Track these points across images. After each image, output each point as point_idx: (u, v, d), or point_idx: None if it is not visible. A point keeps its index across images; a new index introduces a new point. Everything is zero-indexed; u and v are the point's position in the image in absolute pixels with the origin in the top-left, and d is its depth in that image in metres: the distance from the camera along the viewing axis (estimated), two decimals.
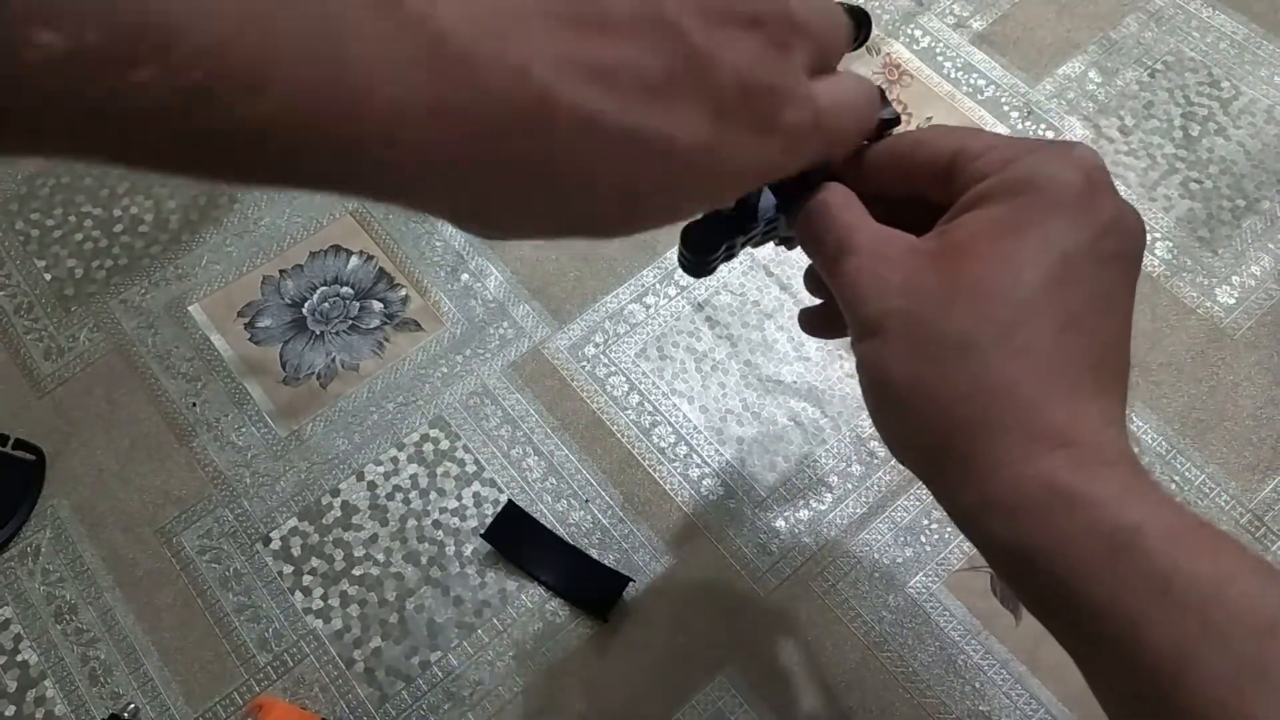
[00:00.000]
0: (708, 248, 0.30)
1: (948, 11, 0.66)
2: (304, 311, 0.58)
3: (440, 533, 0.51)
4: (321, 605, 0.50)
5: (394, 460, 0.53)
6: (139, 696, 0.48)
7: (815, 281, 0.34)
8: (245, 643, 0.49)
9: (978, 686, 0.46)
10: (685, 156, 0.20)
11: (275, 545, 0.51)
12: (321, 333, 0.57)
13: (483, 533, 0.50)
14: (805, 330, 0.36)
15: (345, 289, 0.59)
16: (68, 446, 0.55)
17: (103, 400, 0.56)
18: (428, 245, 0.60)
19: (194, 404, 0.55)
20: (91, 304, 0.59)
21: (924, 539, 0.50)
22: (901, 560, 0.49)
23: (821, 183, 0.28)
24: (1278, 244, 0.57)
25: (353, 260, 0.60)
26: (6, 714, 0.48)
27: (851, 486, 0.51)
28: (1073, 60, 0.64)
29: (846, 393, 0.54)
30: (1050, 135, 0.61)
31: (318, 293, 0.59)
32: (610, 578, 0.49)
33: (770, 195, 0.29)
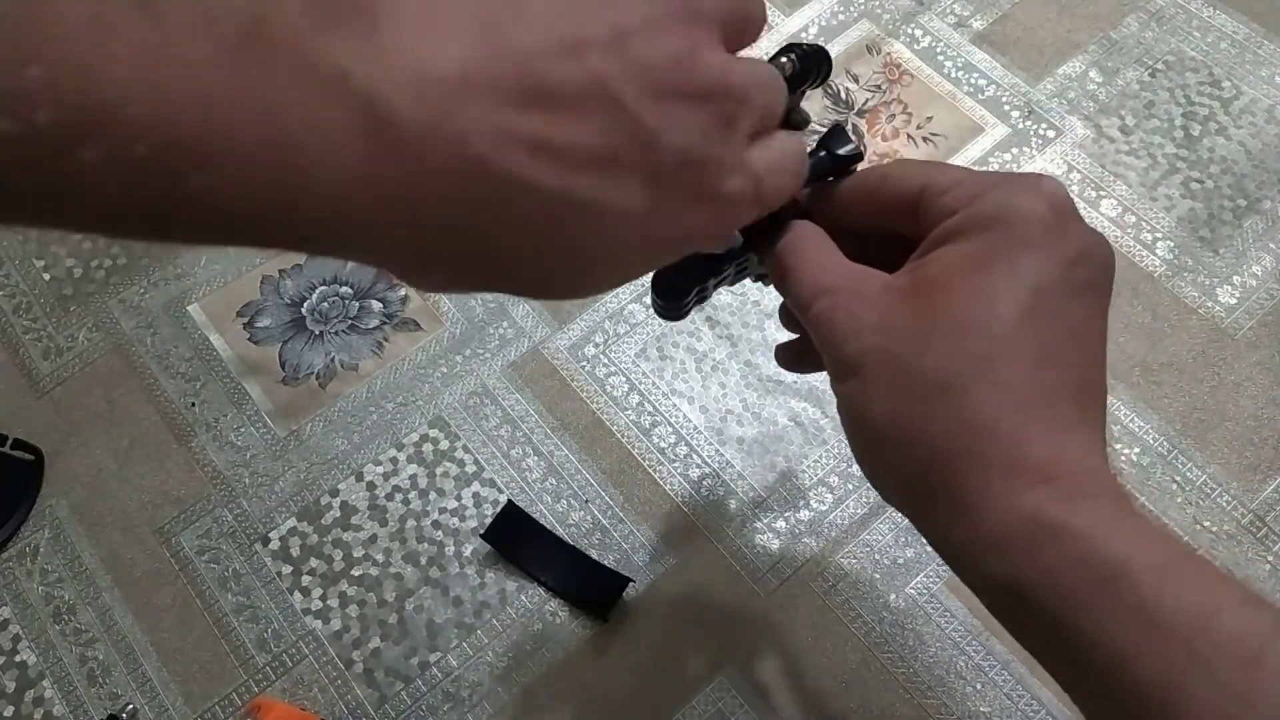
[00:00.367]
0: (679, 292, 0.30)
1: (948, 11, 0.66)
2: (303, 311, 0.58)
3: (440, 533, 0.51)
4: (320, 606, 0.50)
5: (393, 460, 0.53)
6: (137, 697, 0.48)
7: (790, 318, 0.34)
8: (244, 643, 0.49)
9: (978, 688, 0.46)
10: (621, 224, 0.21)
11: (274, 545, 0.51)
12: (321, 332, 0.57)
13: (482, 533, 0.50)
14: (781, 365, 0.36)
15: (344, 288, 0.58)
16: (66, 446, 0.55)
17: (101, 400, 0.56)
18: None
19: (193, 404, 0.55)
20: (90, 304, 0.59)
21: (924, 540, 0.49)
22: (902, 561, 0.49)
23: (791, 221, 0.28)
24: (1279, 244, 0.57)
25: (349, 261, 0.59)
26: (5, 714, 0.48)
27: (852, 487, 0.51)
28: (1073, 60, 0.64)
29: None
30: (1051, 134, 0.61)
31: (317, 292, 0.58)
32: (610, 578, 0.49)
33: (738, 235, 0.29)
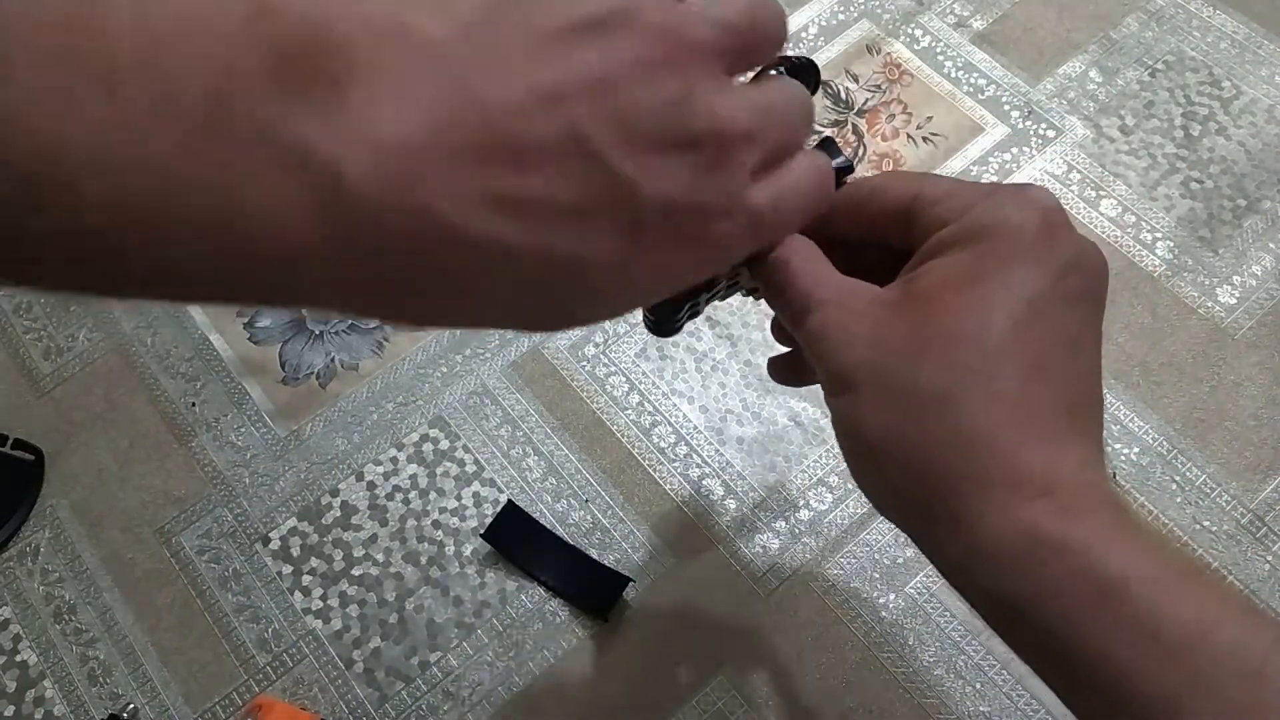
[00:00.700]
0: (671, 308, 0.30)
1: (948, 11, 0.66)
2: (303, 311, 0.58)
3: (440, 533, 0.51)
4: (321, 605, 0.50)
5: (393, 460, 0.53)
6: (138, 697, 0.48)
7: (782, 331, 0.33)
8: (244, 643, 0.49)
9: (978, 687, 0.46)
10: (602, 274, 0.20)
11: (274, 545, 0.51)
12: (321, 332, 0.57)
13: (482, 533, 0.50)
14: (774, 378, 0.36)
15: None
16: (67, 446, 0.55)
17: (102, 400, 0.56)
18: None
19: (193, 404, 0.55)
20: (90, 304, 0.59)
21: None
22: (902, 560, 0.49)
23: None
24: (1279, 244, 0.57)
25: None
26: (6, 714, 0.48)
27: (852, 487, 0.51)
28: (1073, 60, 0.64)
29: None
30: (1051, 134, 0.61)
31: None
32: (610, 578, 0.49)
33: None
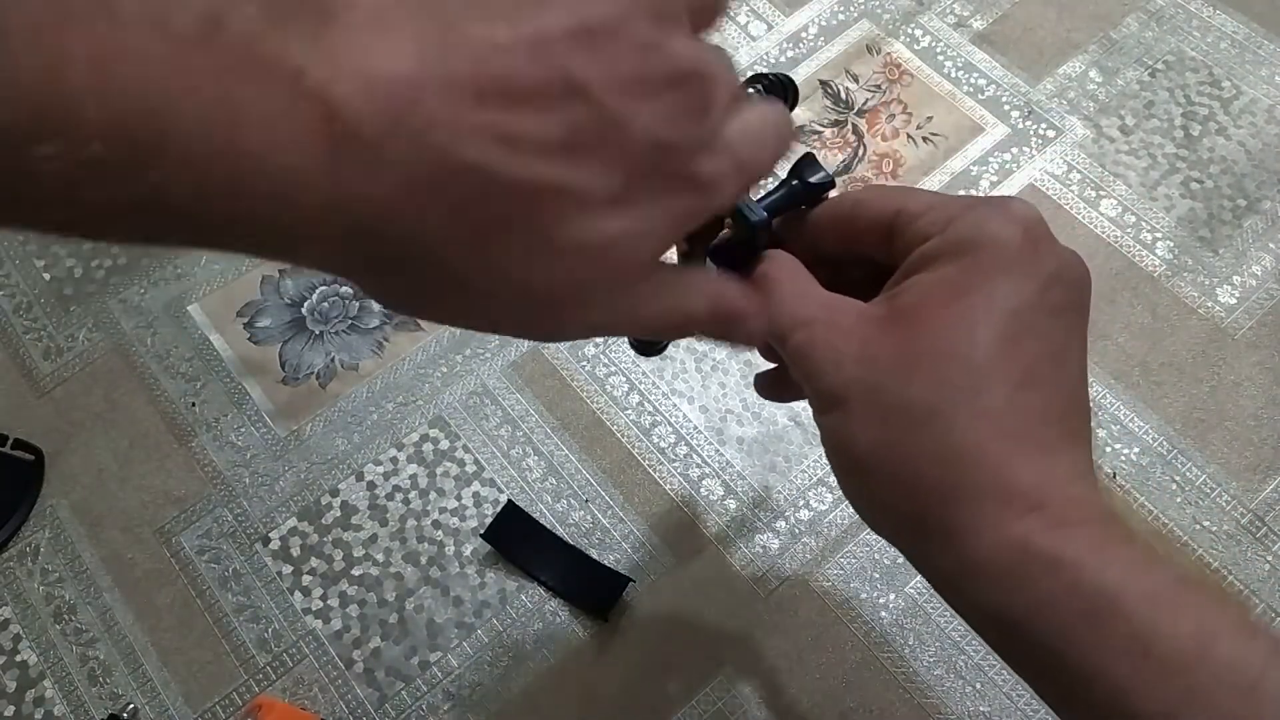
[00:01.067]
0: None
1: (948, 11, 0.66)
2: (303, 311, 0.58)
3: (440, 533, 0.51)
4: (321, 605, 0.50)
5: (393, 460, 0.53)
6: (138, 697, 0.48)
7: (768, 347, 0.33)
8: (244, 643, 0.49)
9: (978, 687, 0.46)
10: (598, 211, 0.20)
11: (274, 545, 0.51)
12: (321, 332, 0.57)
13: (483, 533, 0.50)
14: (761, 394, 0.36)
15: (344, 288, 0.58)
16: (67, 446, 0.55)
17: (102, 400, 0.56)
18: None
19: (193, 404, 0.55)
20: (90, 304, 0.59)
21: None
22: (902, 560, 0.49)
23: (765, 250, 0.28)
24: (1279, 244, 0.57)
25: None
26: (6, 714, 0.48)
27: None
28: (1073, 60, 0.64)
29: None
30: (1051, 134, 0.61)
31: (317, 292, 0.58)
32: (610, 578, 0.49)
33: (713, 266, 0.29)
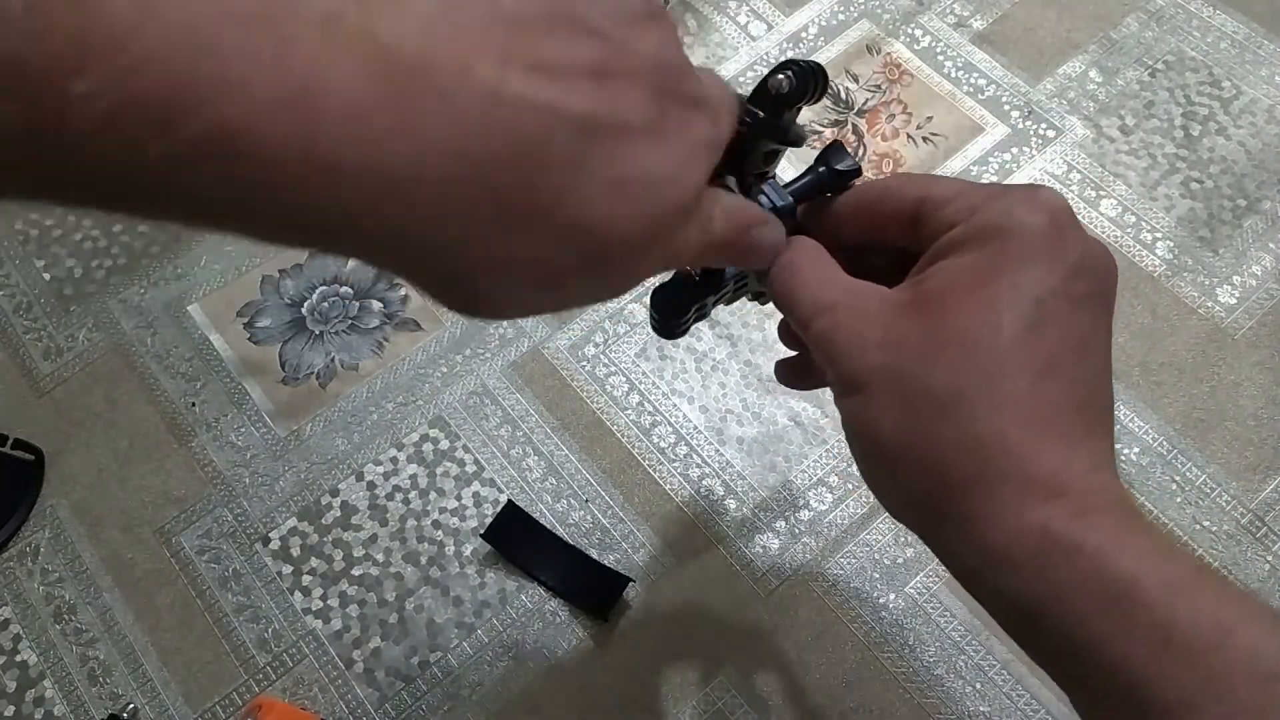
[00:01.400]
0: (678, 309, 0.30)
1: (948, 11, 0.66)
2: (303, 311, 0.58)
3: (440, 533, 0.51)
4: (321, 605, 0.50)
5: (393, 460, 0.53)
6: (138, 697, 0.48)
7: (790, 335, 0.33)
8: (244, 643, 0.49)
9: (978, 687, 0.46)
10: (643, 142, 0.20)
11: (274, 545, 0.51)
12: (321, 332, 0.57)
13: (482, 533, 0.50)
14: (782, 382, 0.36)
15: (344, 288, 0.58)
16: (67, 446, 0.55)
17: (102, 400, 0.56)
18: None
19: (193, 404, 0.55)
20: (90, 304, 0.59)
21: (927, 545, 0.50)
22: (902, 560, 0.49)
23: (789, 237, 0.28)
24: (1279, 244, 0.57)
25: (352, 260, 0.59)
26: (6, 714, 0.48)
27: (852, 486, 0.51)
28: (1073, 60, 0.64)
29: None
30: (1051, 134, 0.61)
31: (317, 292, 0.58)
32: (610, 578, 0.49)
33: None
